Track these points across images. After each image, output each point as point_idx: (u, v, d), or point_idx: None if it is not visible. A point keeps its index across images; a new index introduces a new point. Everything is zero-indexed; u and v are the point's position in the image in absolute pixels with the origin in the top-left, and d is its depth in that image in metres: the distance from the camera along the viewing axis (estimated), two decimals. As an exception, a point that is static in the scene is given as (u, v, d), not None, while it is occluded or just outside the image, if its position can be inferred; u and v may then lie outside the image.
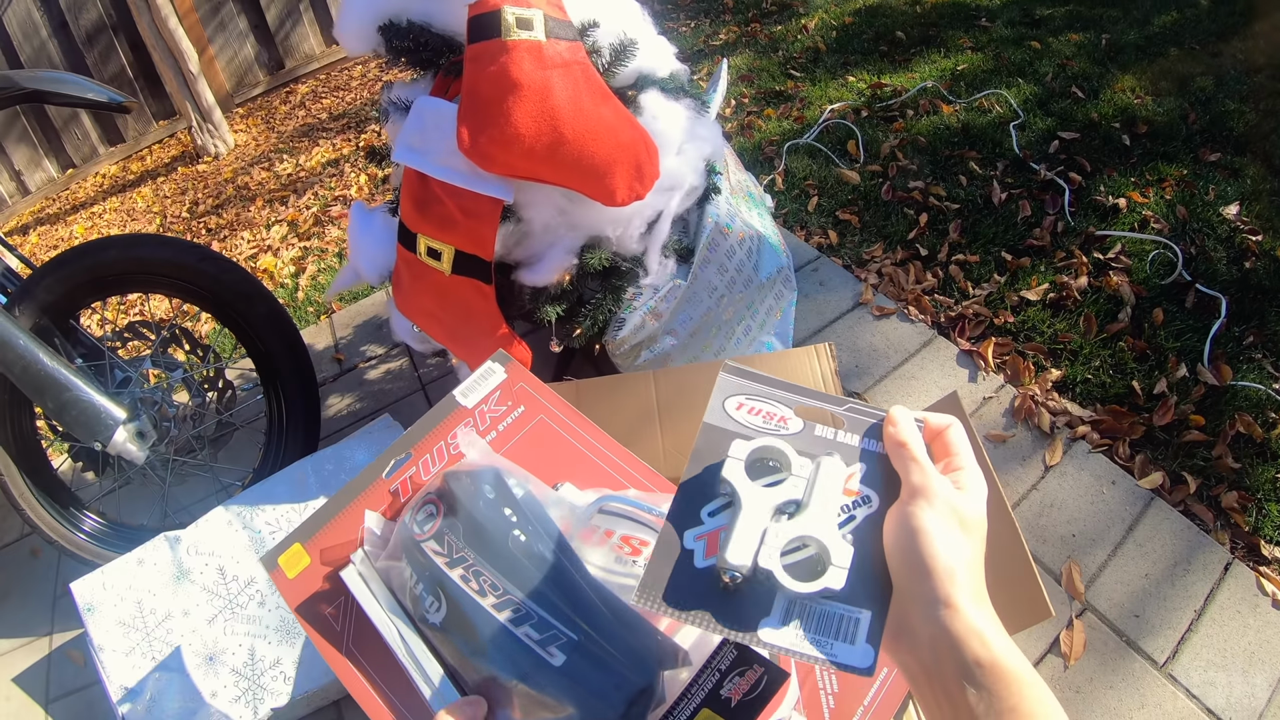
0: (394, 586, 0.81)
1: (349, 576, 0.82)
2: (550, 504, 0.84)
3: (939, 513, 0.58)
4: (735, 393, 0.71)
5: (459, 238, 1.53)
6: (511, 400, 0.96)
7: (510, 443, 0.94)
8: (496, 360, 0.98)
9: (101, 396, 1.83)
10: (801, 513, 0.62)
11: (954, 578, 0.56)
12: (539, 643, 0.74)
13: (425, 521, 0.80)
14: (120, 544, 2.04)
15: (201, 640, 1.69)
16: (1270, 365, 2.17)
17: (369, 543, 0.85)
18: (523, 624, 0.74)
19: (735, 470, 0.64)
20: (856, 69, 3.75)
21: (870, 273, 2.56)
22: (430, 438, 0.92)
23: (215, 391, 2.17)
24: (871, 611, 0.60)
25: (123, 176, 4.72)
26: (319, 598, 0.85)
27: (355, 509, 0.88)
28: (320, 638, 0.83)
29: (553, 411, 0.97)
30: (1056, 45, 3.70)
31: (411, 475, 0.90)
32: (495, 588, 0.76)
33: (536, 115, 1.41)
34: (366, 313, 2.80)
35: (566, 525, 0.83)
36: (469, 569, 0.77)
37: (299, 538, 0.87)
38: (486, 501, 0.80)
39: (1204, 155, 2.90)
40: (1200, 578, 1.76)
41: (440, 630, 0.76)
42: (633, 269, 1.72)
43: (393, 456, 0.90)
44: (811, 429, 0.69)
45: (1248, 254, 2.48)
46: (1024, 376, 2.18)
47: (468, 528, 0.78)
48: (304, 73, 5.17)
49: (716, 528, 0.64)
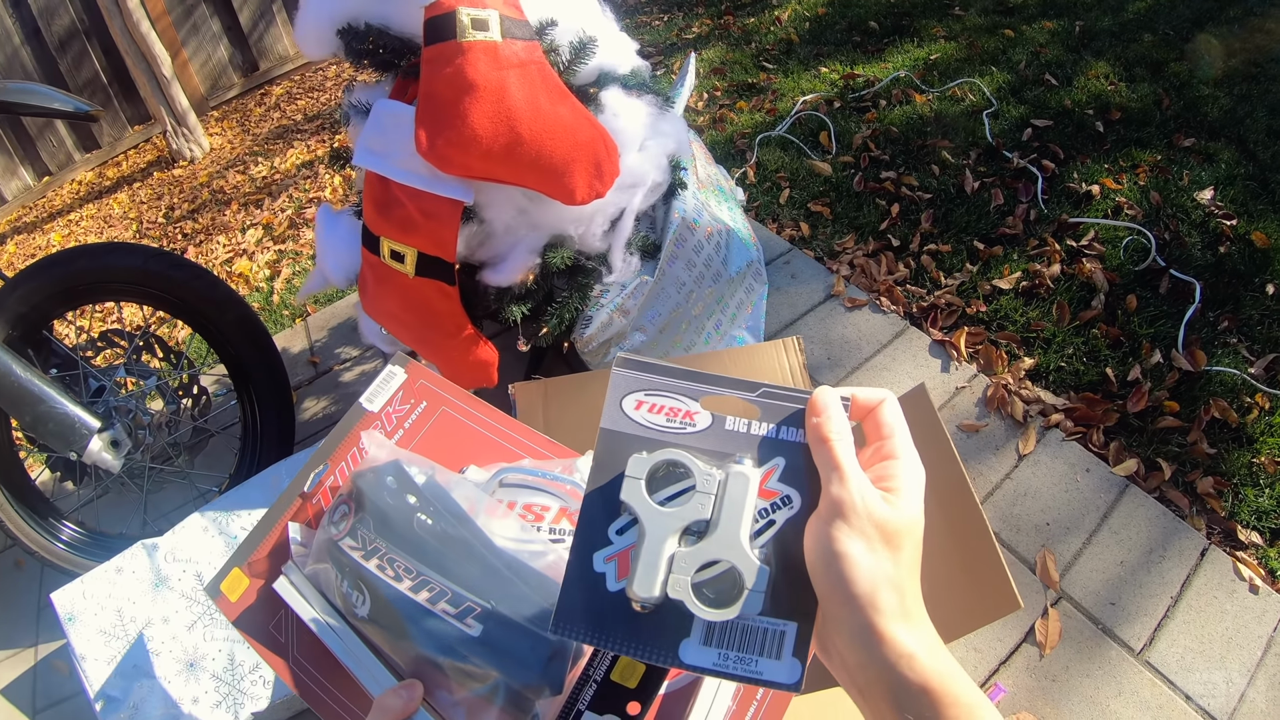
0: (323, 588, 0.83)
1: (282, 587, 0.84)
2: (454, 486, 0.86)
3: (859, 530, 0.54)
4: (633, 389, 0.64)
5: (421, 240, 1.53)
6: (414, 398, 0.99)
7: (417, 437, 0.97)
8: (396, 362, 1.00)
9: (76, 407, 1.82)
10: (711, 533, 0.58)
11: (877, 602, 0.52)
12: (456, 616, 0.76)
13: (340, 521, 0.83)
14: (99, 553, 2.03)
15: (181, 647, 1.69)
16: (1245, 350, 2.18)
17: (295, 552, 0.88)
18: (439, 601, 0.77)
19: (634, 491, 0.59)
20: (829, 60, 3.75)
21: (842, 264, 2.56)
22: (343, 446, 0.94)
23: (190, 398, 2.17)
24: (797, 624, 0.57)
25: (99, 183, 4.70)
26: (262, 615, 0.87)
27: (285, 525, 0.90)
28: (268, 652, 0.85)
29: (453, 402, 1.00)
30: (1030, 33, 3.70)
31: (330, 484, 0.92)
32: (409, 571, 0.78)
33: (493, 116, 1.41)
34: (341, 315, 2.79)
35: (470, 503, 0.84)
36: (383, 557, 0.79)
37: (236, 562, 0.89)
38: (390, 491, 0.83)
39: (1178, 140, 2.91)
40: (1176, 564, 1.77)
41: (369, 621, 0.79)
42: (597, 266, 1.72)
43: (311, 469, 0.92)
44: (721, 423, 0.63)
45: (1222, 239, 2.50)
46: (997, 365, 2.19)
47: (376, 519, 0.81)
48: (278, 74, 5.15)
49: (626, 547, 0.60)
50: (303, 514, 0.90)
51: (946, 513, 1.36)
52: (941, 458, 1.39)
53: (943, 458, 1.39)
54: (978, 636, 1.67)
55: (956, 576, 1.33)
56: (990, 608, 1.32)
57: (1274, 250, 2.44)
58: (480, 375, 1.67)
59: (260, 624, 0.86)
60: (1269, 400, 2.06)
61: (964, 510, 1.36)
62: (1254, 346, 2.20)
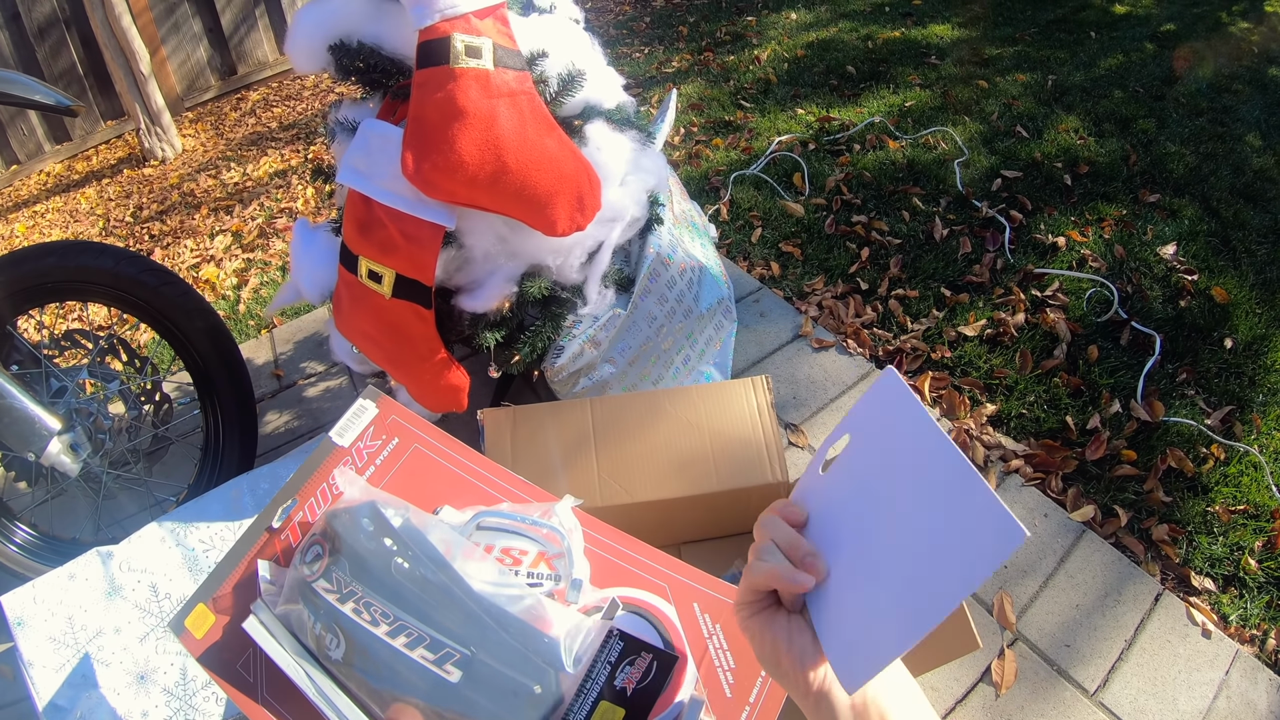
0: (295, 629, 0.82)
1: (251, 627, 0.83)
2: (429, 528, 0.86)
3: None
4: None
5: (400, 262, 1.53)
6: (386, 434, 0.98)
7: (388, 475, 0.96)
8: (367, 396, 1.00)
9: (36, 406, 1.79)
10: None
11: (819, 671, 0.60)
12: (434, 662, 0.76)
13: (313, 562, 0.82)
14: (52, 557, 1.99)
15: (133, 658, 1.66)
16: (1202, 402, 2.24)
17: (265, 591, 0.86)
18: (417, 646, 0.77)
19: None
20: (806, 101, 3.79)
21: (811, 305, 2.59)
22: (313, 481, 0.93)
23: (152, 404, 2.13)
24: None
25: (67, 176, 4.63)
26: (228, 652, 0.86)
27: (251, 560, 0.89)
28: (235, 691, 0.84)
29: (426, 439, 0.99)
30: (1003, 84, 3.78)
31: (299, 520, 0.91)
32: (386, 616, 0.78)
33: (481, 144, 1.42)
34: (308, 329, 2.77)
35: (447, 546, 0.84)
36: (359, 601, 0.78)
37: (201, 597, 0.88)
38: (366, 534, 0.82)
39: (1143, 196, 2.98)
40: (1131, 608, 1.80)
41: (344, 664, 0.78)
42: (572, 298, 1.73)
43: (280, 504, 0.91)
44: None
45: (1183, 293, 2.56)
46: (959, 410, 2.22)
47: (352, 562, 0.80)
48: (256, 79, 5.12)
49: None
50: (270, 549, 0.89)
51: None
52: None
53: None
54: (935, 675, 1.69)
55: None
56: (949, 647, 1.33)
57: (1233, 306, 2.50)
58: (451, 400, 1.67)
59: (227, 662, 0.85)
60: (1224, 451, 2.11)
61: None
62: (1211, 399, 2.26)
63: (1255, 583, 1.88)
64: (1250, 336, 2.42)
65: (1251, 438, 2.15)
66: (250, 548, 0.89)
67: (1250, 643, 1.78)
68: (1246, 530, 1.96)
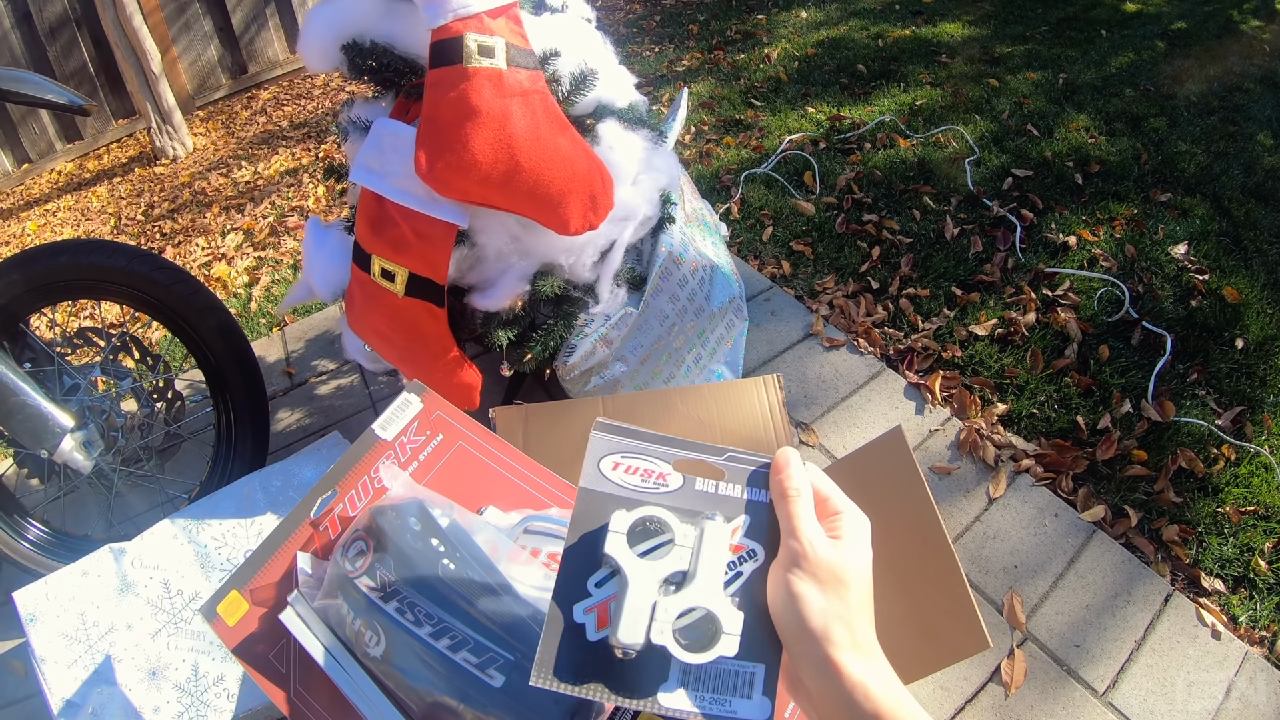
0: (333, 624, 0.81)
1: (288, 619, 0.82)
2: (475, 530, 0.85)
3: (811, 574, 0.60)
4: (610, 451, 0.69)
5: (413, 260, 1.53)
6: (430, 429, 0.97)
7: (432, 472, 0.95)
8: (412, 390, 0.99)
9: (49, 404, 1.80)
10: (690, 583, 0.62)
11: (831, 637, 0.58)
12: (478, 666, 0.75)
13: (356, 558, 0.81)
14: (64, 554, 2.00)
15: (145, 655, 1.66)
16: (1213, 402, 2.23)
17: (303, 583, 0.85)
18: (460, 650, 0.76)
19: (618, 544, 0.63)
20: (817, 100, 3.79)
21: (822, 304, 2.59)
22: (354, 473, 0.92)
23: (164, 402, 2.14)
24: (765, 665, 0.61)
25: (79, 174, 4.65)
26: (261, 642, 0.85)
27: (288, 550, 0.88)
28: (267, 682, 0.83)
29: (471, 437, 0.98)
30: (1014, 83, 3.77)
31: (339, 512, 0.90)
32: (430, 617, 0.77)
33: (494, 143, 1.42)
34: (319, 327, 2.77)
35: (493, 548, 0.83)
36: (403, 601, 0.78)
37: (235, 584, 0.87)
38: (413, 534, 0.81)
39: (1155, 195, 2.97)
40: (1141, 609, 1.80)
41: (382, 662, 0.77)
42: (584, 297, 1.73)
43: (319, 495, 0.90)
44: (692, 484, 0.68)
45: (1194, 293, 2.55)
46: (970, 410, 2.22)
47: (398, 561, 0.79)
48: (267, 78, 5.13)
49: (605, 599, 0.63)
50: (310, 543, 0.89)
51: (920, 552, 1.38)
52: (916, 499, 1.41)
53: (917, 499, 1.41)
54: (945, 675, 1.69)
55: (928, 615, 1.35)
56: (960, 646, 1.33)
57: (1244, 306, 2.49)
58: (463, 398, 1.68)
59: (259, 652, 0.84)
60: (1235, 452, 2.10)
61: (937, 550, 1.38)
62: (1222, 399, 2.25)
63: (1265, 584, 1.87)
64: (1261, 337, 2.41)
65: (1263, 438, 2.14)
66: (287, 537, 0.89)
67: (1260, 644, 1.77)
68: (1257, 531, 1.96)
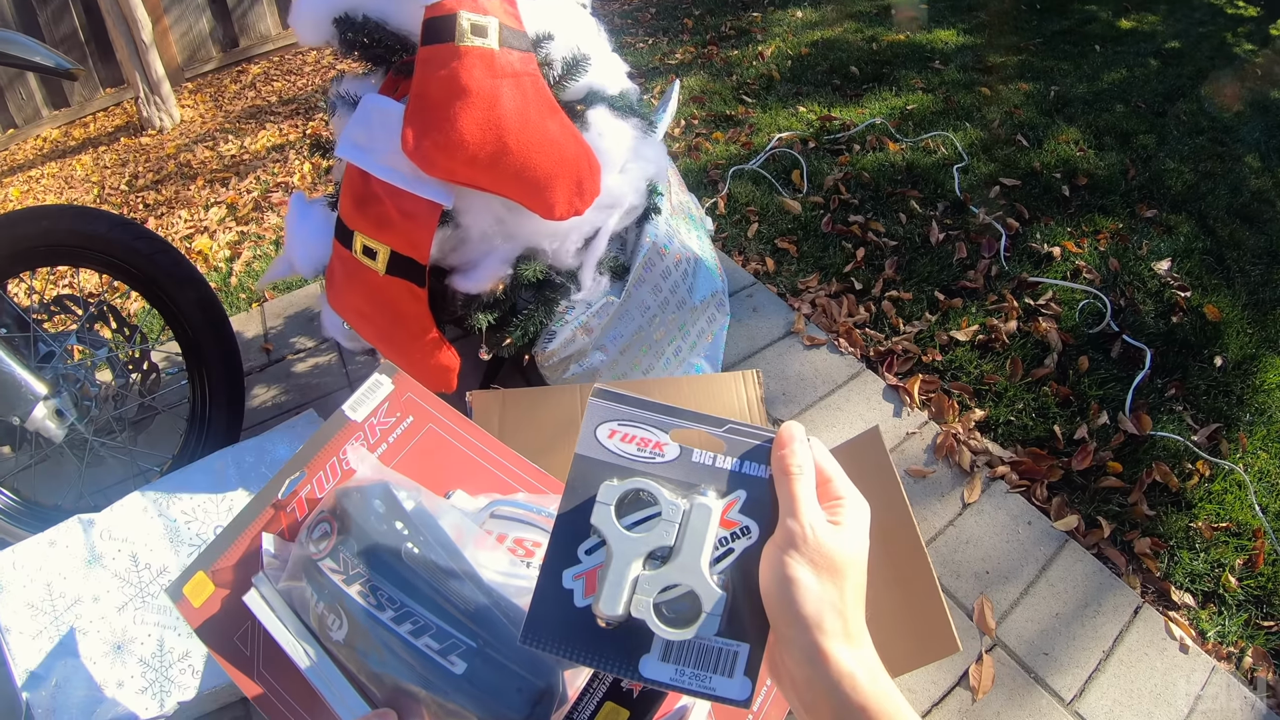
0: (297, 607, 0.81)
1: (252, 601, 0.81)
2: (442, 513, 0.84)
3: (809, 559, 0.58)
4: (607, 419, 0.67)
5: (396, 238, 1.52)
6: (400, 411, 0.96)
7: (401, 454, 0.94)
8: (384, 371, 0.98)
9: (23, 370, 1.78)
10: (673, 559, 0.61)
11: (822, 624, 0.56)
12: (439, 652, 0.75)
13: (320, 540, 0.80)
14: (32, 523, 1.98)
15: (110, 628, 1.65)
16: (1189, 418, 2.25)
17: (268, 565, 0.85)
18: (422, 635, 0.75)
19: (604, 516, 0.63)
20: (808, 100, 3.80)
21: (804, 302, 2.59)
22: (323, 454, 0.91)
23: (139, 373, 2.12)
24: (749, 644, 0.60)
25: (64, 142, 4.60)
26: (226, 624, 0.84)
27: (254, 531, 0.87)
28: (229, 665, 0.82)
29: (441, 420, 0.97)
30: (1006, 93, 3.79)
31: (306, 494, 0.89)
32: (393, 601, 0.76)
33: (482, 123, 1.41)
34: (299, 304, 2.76)
35: (459, 533, 0.83)
36: (366, 584, 0.77)
37: (201, 565, 0.86)
38: (378, 516, 0.81)
39: (1140, 210, 2.99)
40: (1110, 619, 1.81)
41: (345, 646, 0.77)
42: (566, 283, 1.73)
43: (287, 476, 0.89)
44: (689, 455, 0.66)
45: (1175, 309, 2.57)
46: (948, 414, 2.22)
47: (362, 544, 0.79)
48: (257, 53, 5.09)
49: (594, 566, 0.63)
50: (276, 523, 0.87)
51: (892, 554, 1.38)
52: (891, 501, 1.41)
53: (892, 501, 1.41)
54: (912, 677, 1.69)
55: (898, 617, 1.35)
56: (929, 649, 1.34)
57: (1225, 325, 2.51)
58: (441, 380, 1.67)
59: (224, 634, 0.83)
60: (1209, 468, 2.12)
61: (909, 553, 1.38)
62: (1198, 415, 2.27)
63: (1234, 600, 1.89)
64: (1240, 356, 2.43)
65: (1237, 456, 2.16)
66: (254, 518, 0.87)
67: (1227, 659, 1.78)
68: (1228, 548, 1.97)
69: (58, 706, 1.57)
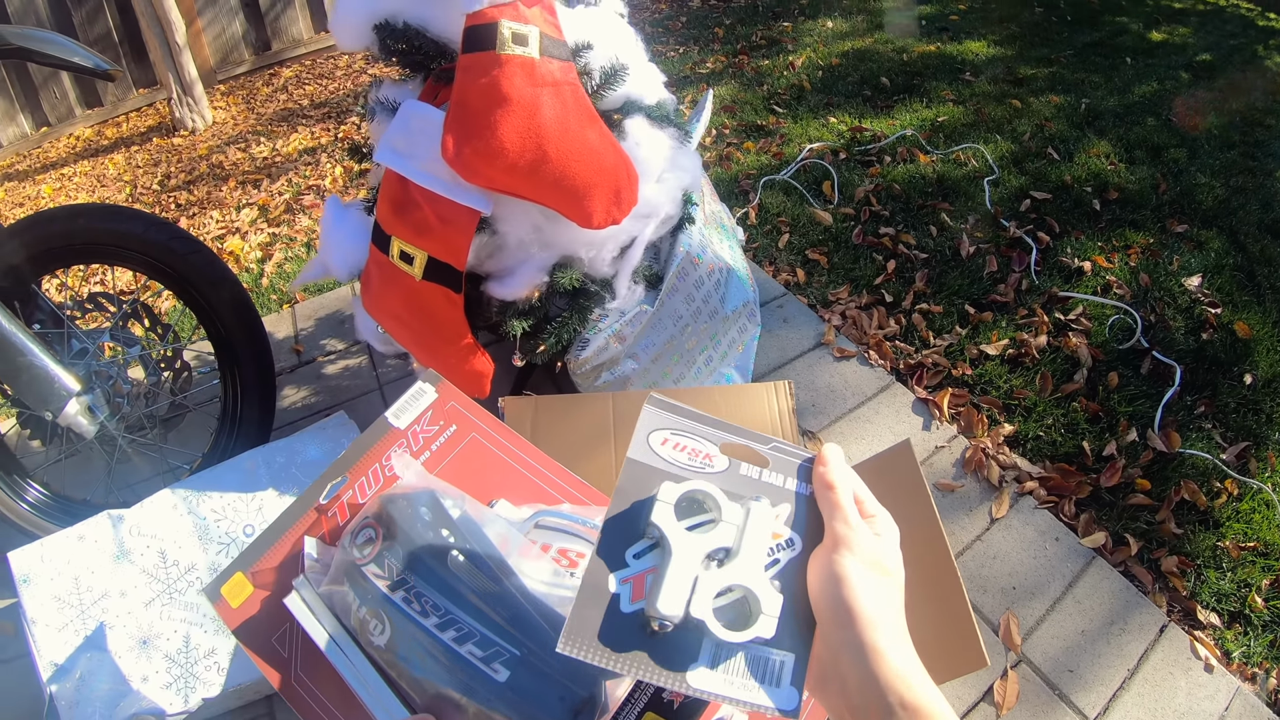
0: (338, 611, 0.81)
1: (293, 604, 0.82)
2: (486, 522, 0.84)
3: (861, 560, 0.60)
4: (660, 427, 0.69)
5: (433, 244, 1.53)
6: (443, 419, 0.96)
7: (444, 462, 0.94)
8: (427, 380, 0.98)
9: (58, 366, 1.79)
10: (732, 560, 0.62)
11: (878, 624, 0.58)
12: (483, 660, 0.75)
13: (365, 545, 0.81)
14: (61, 517, 1.99)
15: (137, 623, 1.66)
16: (1218, 436, 2.23)
17: (309, 568, 0.85)
18: (466, 642, 0.75)
19: (665, 515, 0.63)
20: (838, 110, 3.79)
21: (834, 314, 2.59)
22: (365, 460, 0.91)
23: (171, 371, 2.14)
24: (795, 654, 0.61)
25: (96, 141, 4.65)
26: (264, 625, 0.84)
27: (294, 535, 0.87)
28: (268, 666, 0.82)
29: (484, 429, 0.97)
30: (1037, 105, 3.77)
31: (348, 498, 0.89)
32: (437, 608, 0.76)
33: (523, 131, 1.42)
34: (330, 306, 2.77)
35: (503, 542, 0.83)
36: (410, 591, 0.77)
37: (240, 566, 0.86)
38: (424, 524, 0.81)
39: (1171, 225, 2.98)
40: (1136, 638, 1.80)
41: (386, 651, 0.77)
42: (601, 291, 1.73)
43: (329, 481, 0.90)
44: (737, 468, 0.68)
45: (1206, 325, 2.55)
46: (977, 429, 2.22)
47: (407, 550, 0.79)
48: (289, 56, 5.13)
49: (642, 570, 0.62)
50: (317, 527, 0.88)
51: (922, 566, 1.38)
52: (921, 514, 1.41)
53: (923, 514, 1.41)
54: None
55: (927, 629, 1.34)
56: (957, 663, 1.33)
57: (1255, 342, 2.50)
58: (474, 385, 1.67)
59: (262, 636, 0.83)
60: (1237, 486, 2.10)
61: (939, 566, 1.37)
62: (1227, 433, 2.25)
63: (1260, 621, 1.87)
64: (1270, 374, 2.41)
65: (1266, 475, 2.15)
66: (294, 521, 0.88)
67: (1251, 680, 1.77)
68: (1255, 568, 1.96)
69: (81, 699, 1.58)
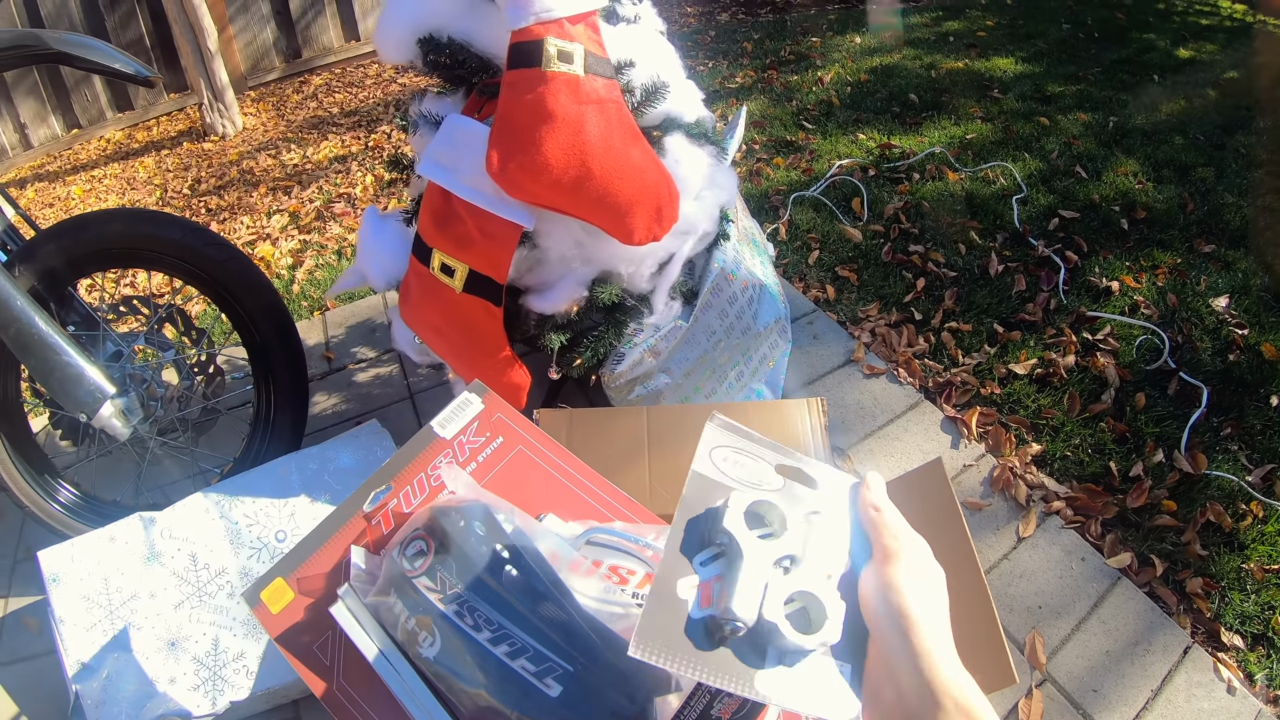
0: (384, 622, 0.81)
1: (339, 613, 0.82)
2: (538, 537, 0.85)
3: (912, 572, 0.64)
4: (722, 444, 0.72)
5: (475, 258, 1.54)
6: (490, 431, 0.96)
7: (490, 474, 0.95)
8: (474, 390, 0.99)
9: (93, 368, 1.81)
10: (797, 568, 0.64)
11: (931, 631, 0.61)
12: (535, 675, 0.75)
13: (415, 558, 0.81)
14: (92, 518, 2.01)
15: (165, 625, 1.67)
16: (1245, 458, 2.22)
17: (355, 578, 0.85)
18: (519, 657, 0.76)
19: (736, 522, 0.65)
20: (867, 127, 3.80)
21: (864, 331, 2.60)
22: (410, 469, 0.92)
23: (204, 376, 2.16)
24: (852, 664, 0.63)
25: (127, 144, 4.69)
26: (306, 632, 0.85)
27: (337, 542, 0.88)
28: (310, 673, 0.83)
29: (530, 442, 0.98)
30: (1065, 123, 3.77)
31: (393, 507, 0.90)
32: (490, 623, 0.77)
33: (567, 148, 1.43)
34: (361, 314, 2.79)
35: (554, 557, 0.84)
36: (463, 605, 0.78)
37: (281, 572, 0.87)
38: (478, 538, 0.82)
39: (1199, 245, 2.97)
40: (1159, 658, 1.79)
41: (435, 664, 0.77)
42: (638, 306, 1.74)
43: (373, 488, 0.90)
44: (791, 488, 0.71)
45: (1233, 347, 2.54)
46: (1005, 448, 2.22)
47: (460, 564, 0.79)
48: (320, 64, 5.17)
49: (710, 578, 0.64)
50: (362, 536, 0.88)
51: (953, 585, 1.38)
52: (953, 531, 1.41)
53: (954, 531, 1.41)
54: (963, 711, 1.69)
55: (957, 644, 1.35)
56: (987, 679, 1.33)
57: (1282, 364, 2.49)
58: (511, 397, 1.68)
59: (303, 642, 0.84)
60: (1263, 509, 2.09)
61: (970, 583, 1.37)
62: (1254, 455, 2.24)
63: (1284, 644, 1.87)
64: (1298, 397, 2.41)
65: (1292, 498, 2.14)
66: (338, 528, 0.88)
67: (1274, 703, 1.76)
68: (1279, 590, 1.95)
69: (107, 699, 1.60)
